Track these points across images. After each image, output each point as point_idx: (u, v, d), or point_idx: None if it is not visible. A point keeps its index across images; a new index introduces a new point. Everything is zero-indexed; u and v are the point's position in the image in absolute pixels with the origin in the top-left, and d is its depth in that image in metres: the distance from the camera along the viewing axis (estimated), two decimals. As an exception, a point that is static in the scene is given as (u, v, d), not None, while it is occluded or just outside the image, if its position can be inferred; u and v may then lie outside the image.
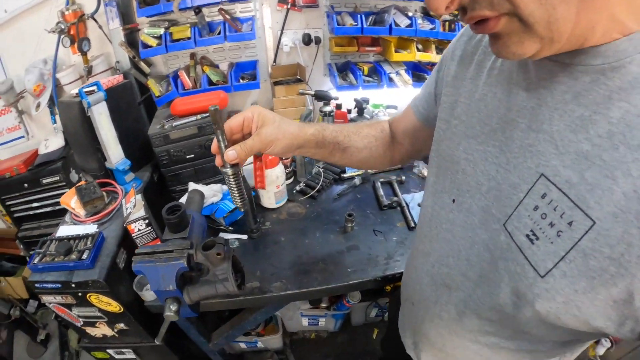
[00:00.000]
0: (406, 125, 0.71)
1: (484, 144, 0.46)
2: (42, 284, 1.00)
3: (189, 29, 1.36)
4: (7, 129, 1.81)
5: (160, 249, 0.78)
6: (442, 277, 0.55)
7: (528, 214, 0.39)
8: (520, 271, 0.40)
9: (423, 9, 1.43)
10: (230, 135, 0.60)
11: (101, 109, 1.17)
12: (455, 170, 0.50)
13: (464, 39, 0.53)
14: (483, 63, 0.48)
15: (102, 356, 1.30)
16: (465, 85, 0.50)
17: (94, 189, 1.15)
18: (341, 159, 0.72)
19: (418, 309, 0.64)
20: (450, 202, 0.52)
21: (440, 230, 0.54)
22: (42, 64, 1.56)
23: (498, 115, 0.44)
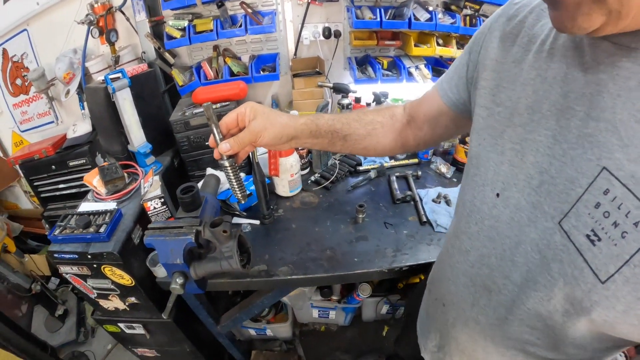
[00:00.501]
0: (429, 109, 0.67)
1: (534, 132, 0.42)
2: (60, 254, 1.08)
3: (212, 22, 1.42)
4: (38, 115, 1.95)
5: (171, 225, 0.82)
6: (482, 278, 0.51)
7: (588, 211, 0.36)
8: (578, 275, 0.37)
9: (444, 4, 1.43)
10: (227, 130, 0.65)
11: (125, 94, 1.24)
12: (500, 162, 0.46)
13: (503, 19, 0.50)
14: (528, 46, 0.45)
15: (114, 330, 1.36)
16: (508, 69, 0.47)
17: (116, 169, 1.22)
18: (343, 148, 0.71)
19: (450, 310, 0.61)
20: (493, 196, 0.48)
21: (483, 227, 0.50)
22: (72, 53, 1.66)
23: (550, 102, 0.41)
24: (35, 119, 1.96)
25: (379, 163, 1.35)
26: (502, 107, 0.47)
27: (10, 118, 1.98)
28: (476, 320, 0.54)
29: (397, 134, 0.72)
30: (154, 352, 1.50)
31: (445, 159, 1.39)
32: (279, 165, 1.16)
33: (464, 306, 0.56)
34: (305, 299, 1.45)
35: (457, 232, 0.58)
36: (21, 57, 1.80)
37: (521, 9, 0.48)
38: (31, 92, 1.88)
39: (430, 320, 0.73)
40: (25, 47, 1.76)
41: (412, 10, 1.34)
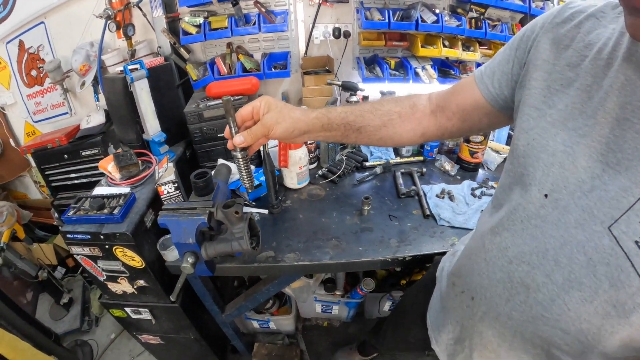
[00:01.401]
0: (463, 101, 0.67)
1: (587, 137, 0.43)
2: (73, 235, 1.15)
3: (227, 19, 1.50)
4: (52, 105, 2.03)
5: (184, 206, 0.89)
6: (520, 275, 0.52)
7: (639, 220, 0.38)
8: (625, 279, 0.40)
9: (450, 7, 1.51)
10: (242, 122, 0.69)
11: (142, 84, 1.32)
12: (550, 163, 0.47)
13: (557, 20, 0.51)
14: (584, 51, 0.46)
15: (120, 314, 1.42)
16: (561, 72, 0.48)
17: (130, 156, 1.29)
18: (358, 139, 0.73)
19: (480, 304, 0.61)
20: (541, 196, 0.49)
21: (527, 226, 0.51)
22: (88, 46, 1.75)
23: (605, 110, 0.42)
24: (48, 109, 2.04)
25: (384, 159, 1.42)
26: (554, 109, 0.48)
27: (24, 108, 2.07)
28: (509, 315, 0.55)
29: (416, 123, 0.72)
30: (158, 339, 1.55)
31: (450, 157, 1.45)
32: (288, 157, 1.22)
33: (498, 301, 0.57)
34: (309, 292, 1.50)
35: (497, 228, 0.58)
36: (37, 49, 1.89)
37: (577, 14, 0.49)
38: (46, 84, 1.96)
39: (448, 313, 0.74)
40: (42, 39, 1.85)
41: (419, 13, 1.41)
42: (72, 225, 1.15)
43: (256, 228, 0.92)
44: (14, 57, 1.92)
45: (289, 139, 0.70)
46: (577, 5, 0.51)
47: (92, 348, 2.01)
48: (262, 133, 0.67)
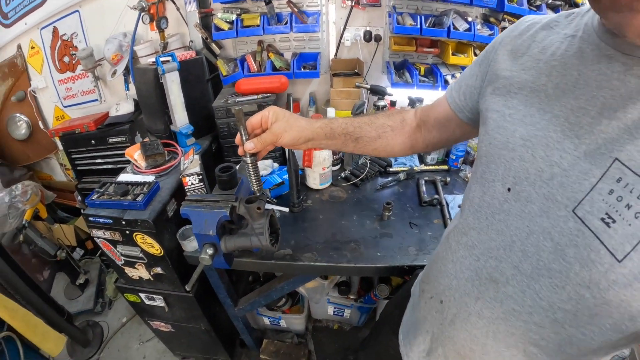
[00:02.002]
0: (438, 114, 0.75)
1: (544, 129, 0.47)
2: (95, 218, 1.19)
3: (259, 18, 1.53)
4: (82, 92, 2.10)
5: (208, 198, 0.91)
6: (488, 270, 0.53)
7: (602, 197, 0.40)
8: (595, 257, 0.40)
9: (483, 15, 1.49)
10: (251, 130, 0.75)
11: (173, 77, 1.35)
12: (511, 158, 0.50)
13: (514, 34, 0.57)
14: (539, 55, 0.51)
15: (134, 299, 1.46)
16: (520, 76, 0.53)
17: (157, 146, 1.33)
18: (355, 148, 0.80)
19: (450, 306, 0.62)
20: (504, 191, 0.51)
21: (492, 222, 0.53)
22: (121, 36, 1.80)
23: (561, 103, 0.46)
24: (79, 95, 2.12)
25: (409, 166, 1.42)
26: (513, 109, 0.52)
27: (55, 93, 2.15)
28: (479, 314, 0.55)
29: (406, 136, 0.80)
30: (169, 327, 1.58)
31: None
32: (312, 157, 1.24)
33: (467, 300, 0.57)
34: (322, 293, 1.51)
35: (463, 228, 0.61)
36: (71, 37, 1.96)
37: (532, 26, 0.56)
38: (77, 70, 2.04)
39: (419, 323, 0.74)
40: (76, 27, 1.92)
41: (451, 20, 1.41)
42: (95, 208, 1.19)
43: (276, 225, 0.93)
44: (47, 42, 2.00)
45: (295, 146, 0.77)
46: (532, 18, 0.57)
47: (103, 329, 2.07)
48: (270, 140, 0.73)
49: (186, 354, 1.86)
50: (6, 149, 2.36)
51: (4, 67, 2.11)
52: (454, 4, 1.44)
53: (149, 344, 1.98)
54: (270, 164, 1.33)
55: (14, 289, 1.50)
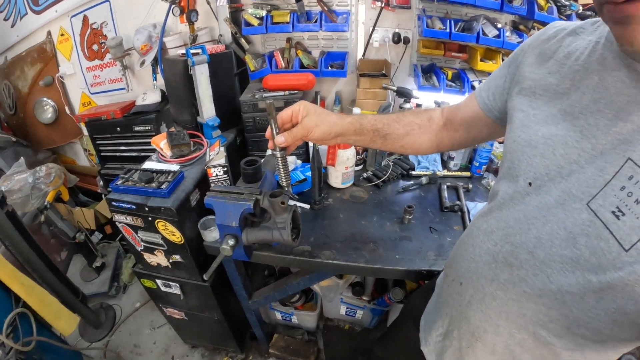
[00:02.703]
0: (466, 114, 0.77)
1: (564, 129, 0.51)
2: (119, 203, 1.23)
3: (289, 15, 1.56)
4: (110, 80, 2.16)
5: (232, 190, 0.93)
6: (504, 254, 0.57)
7: (614, 193, 0.43)
8: (604, 246, 0.44)
9: (513, 22, 1.48)
10: (282, 124, 0.76)
11: (203, 69, 1.38)
12: (533, 155, 0.54)
13: (542, 38, 0.60)
14: (564, 60, 0.55)
15: (150, 285, 1.50)
16: (545, 79, 0.57)
17: (184, 136, 1.36)
18: (383, 145, 0.82)
19: (468, 288, 0.66)
20: (526, 185, 0.55)
21: (512, 211, 0.57)
22: (151, 27, 1.85)
23: (581, 106, 0.50)
24: (106, 83, 2.18)
25: (431, 170, 1.42)
26: (537, 110, 0.56)
27: (82, 79, 2.22)
28: (493, 295, 0.59)
29: (433, 135, 0.83)
30: (182, 315, 1.61)
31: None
32: (336, 156, 1.25)
33: (483, 282, 0.61)
34: (337, 292, 1.52)
35: (485, 216, 0.65)
36: (100, 25, 2.02)
37: (560, 31, 0.59)
38: (106, 59, 2.10)
39: (441, 307, 0.77)
40: (106, 17, 1.97)
41: (481, 25, 1.41)
42: (119, 194, 1.23)
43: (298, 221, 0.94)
44: (77, 30, 2.06)
45: (325, 141, 0.79)
46: (560, 24, 0.60)
47: (116, 313, 2.12)
48: (301, 134, 0.75)
49: (197, 342, 1.90)
50: (32, 131, 2.45)
51: (33, 52, 2.19)
52: (484, 10, 1.44)
53: (160, 330, 2.03)
54: (293, 160, 1.35)
55: (32, 267, 1.54)
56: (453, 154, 1.44)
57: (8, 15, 2.17)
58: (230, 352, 1.85)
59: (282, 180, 0.84)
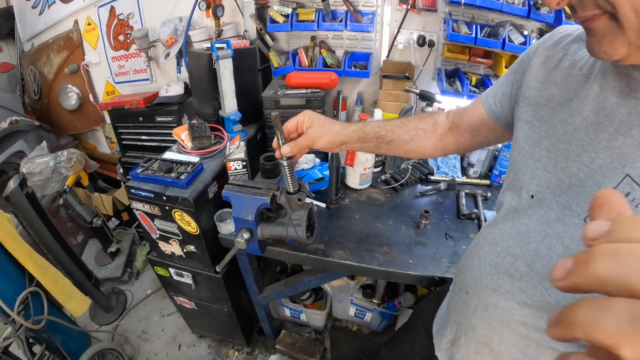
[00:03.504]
0: (472, 118, 0.78)
1: (566, 142, 0.51)
2: (137, 191, 1.26)
3: (314, 13, 1.56)
4: (135, 70, 2.21)
5: (250, 184, 0.95)
6: (505, 266, 0.59)
7: None
8: None
9: (540, 30, 1.46)
10: (288, 134, 0.78)
11: (227, 63, 1.40)
12: (536, 167, 0.55)
13: (547, 44, 0.60)
14: (569, 70, 0.54)
15: (163, 273, 1.53)
16: (549, 89, 0.56)
17: (205, 128, 1.38)
18: (388, 151, 0.84)
19: (472, 297, 0.68)
20: (528, 197, 0.56)
21: (516, 223, 0.59)
22: (177, 20, 1.88)
23: (581, 117, 0.49)
24: (130, 73, 2.23)
25: (450, 176, 1.42)
26: (542, 122, 0.56)
27: (107, 69, 2.28)
28: (496, 305, 0.61)
29: (438, 139, 0.84)
30: (192, 304, 1.64)
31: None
32: (355, 156, 1.26)
33: (486, 292, 0.63)
34: (347, 293, 1.53)
35: (491, 227, 0.67)
36: (127, 16, 2.07)
37: (564, 37, 0.58)
38: (131, 49, 2.15)
39: (450, 314, 0.78)
40: (133, 8, 2.02)
41: (507, 32, 1.39)
42: (138, 182, 1.26)
43: (314, 219, 0.95)
44: (104, 20, 2.12)
45: (330, 149, 0.81)
46: (566, 29, 0.59)
47: (127, 298, 2.17)
48: (306, 144, 0.77)
49: (204, 333, 1.93)
50: (55, 117, 2.53)
51: (59, 40, 2.26)
52: (511, 16, 1.42)
53: (169, 318, 2.07)
54: (312, 158, 1.36)
55: (48, 249, 1.59)
56: (473, 161, 1.43)
57: (36, 3, 2.25)
58: (237, 344, 1.88)
59: (289, 187, 0.86)
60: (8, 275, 1.33)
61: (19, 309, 1.29)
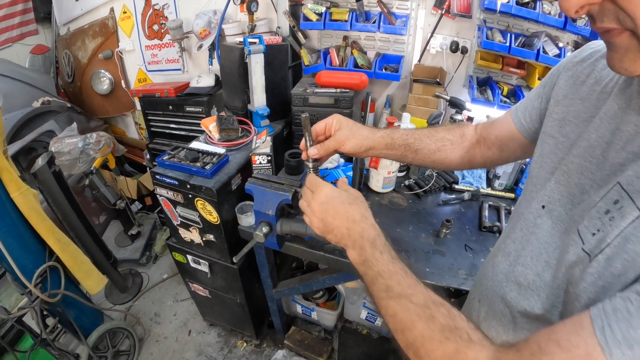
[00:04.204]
0: (501, 132, 0.77)
1: (580, 157, 0.51)
2: (162, 177, 1.29)
3: (348, 13, 1.57)
4: (167, 60, 2.26)
5: (273, 179, 0.96)
6: (515, 275, 0.59)
7: (599, 216, 0.44)
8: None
9: (575, 43, 1.41)
10: (315, 136, 0.78)
11: (258, 58, 1.42)
12: (549, 180, 0.56)
13: (577, 60, 0.60)
14: (594, 87, 0.54)
15: (180, 259, 1.56)
16: (575, 105, 0.56)
17: (233, 121, 1.41)
18: (414, 160, 0.83)
19: (483, 305, 0.69)
20: (539, 207, 0.57)
21: (526, 233, 0.59)
22: (211, 13, 1.92)
23: (598, 134, 0.49)
24: (163, 63, 2.29)
25: (475, 187, 1.39)
26: (565, 137, 0.56)
27: (140, 57, 2.34)
28: (502, 312, 0.62)
29: (464, 151, 0.83)
30: (206, 292, 1.68)
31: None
32: (380, 159, 1.24)
33: (495, 299, 0.64)
34: (361, 296, 1.53)
35: (506, 237, 0.67)
36: (162, 7, 2.12)
37: (594, 53, 0.58)
38: (165, 39, 2.20)
39: None
40: (168, -1, 2.05)
41: (542, 43, 1.36)
42: (164, 168, 1.29)
43: (333, 219, 0.94)
44: (139, 9, 2.18)
45: (356, 154, 0.80)
46: (596, 45, 0.59)
47: (143, 280, 2.23)
48: (334, 147, 0.76)
49: (215, 321, 1.97)
50: (87, 100, 2.62)
51: (95, 26, 2.34)
52: (547, 27, 1.39)
53: (182, 303, 2.12)
54: (337, 158, 1.37)
55: (70, 226, 1.65)
56: (500, 173, 1.40)
57: (73, -10, 2.34)
58: (246, 336, 1.91)
59: None
60: (29, 248, 1.38)
61: (36, 281, 1.34)
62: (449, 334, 0.47)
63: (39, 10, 2.62)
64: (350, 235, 0.62)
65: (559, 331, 0.39)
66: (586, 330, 0.36)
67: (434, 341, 0.48)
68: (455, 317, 0.50)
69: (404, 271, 0.57)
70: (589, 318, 0.36)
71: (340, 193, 0.66)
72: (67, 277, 1.50)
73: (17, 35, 2.59)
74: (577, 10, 0.39)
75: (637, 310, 0.33)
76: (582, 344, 0.36)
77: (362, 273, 0.60)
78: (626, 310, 0.34)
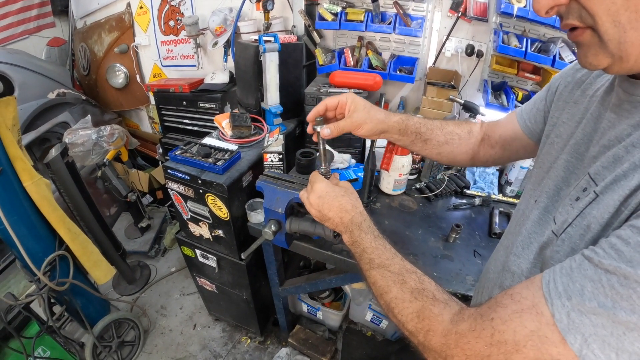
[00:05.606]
0: (505, 132, 0.78)
1: (568, 154, 0.55)
2: (174, 172, 1.30)
3: (363, 14, 1.56)
4: (182, 56, 2.29)
5: (284, 177, 0.96)
6: (509, 264, 0.61)
7: (570, 202, 0.47)
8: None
9: None
10: (324, 111, 0.78)
11: (273, 57, 1.43)
12: (542, 177, 0.60)
13: (577, 67, 0.63)
14: (586, 91, 0.58)
15: (189, 253, 1.58)
16: (569, 108, 0.60)
17: (246, 118, 1.42)
18: (422, 149, 0.84)
19: (484, 295, 0.71)
20: (533, 202, 0.60)
21: (519, 225, 0.63)
22: (227, 10, 1.93)
23: (583, 133, 0.53)
24: (178, 58, 2.31)
25: (486, 192, 1.37)
26: (559, 138, 0.59)
27: (156, 52, 2.36)
28: None
29: (470, 147, 0.84)
30: (213, 287, 1.70)
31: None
32: (392, 161, 1.25)
33: (492, 289, 0.66)
34: (367, 297, 1.53)
35: (507, 233, 0.70)
36: (179, 3, 2.14)
37: None
38: (180, 35, 2.22)
39: None
40: (185, -5, 2.07)
41: (558, 48, 1.34)
42: (176, 163, 1.31)
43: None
44: (156, 5, 2.20)
45: (370, 137, 0.81)
46: None
47: (151, 273, 2.26)
48: (349, 129, 0.77)
49: (220, 316, 1.99)
50: (102, 93, 2.66)
51: (111, 20, 2.37)
52: (563, 32, 1.36)
53: (189, 297, 2.14)
54: (348, 158, 1.36)
55: (81, 216, 1.68)
56: (511, 179, 1.39)
57: (92, -16, 2.37)
58: (251, 332, 1.92)
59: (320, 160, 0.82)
60: (39, 237, 1.40)
61: (45, 269, 1.36)
62: (417, 294, 0.55)
63: (56, 3, 2.67)
64: (343, 223, 0.70)
65: (515, 288, 0.45)
66: (535, 285, 0.42)
67: (405, 301, 0.55)
68: (424, 281, 0.57)
69: (384, 246, 0.65)
70: (541, 276, 0.42)
71: (334, 188, 0.73)
72: (76, 266, 1.52)
73: (34, 27, 2.65)
74: (547, 10, 0.42)
75: (578, 267, 0.39)
76: (530, 296, 0.41)
77: (354, 252, 0.68)
78: (569, 267, 0.40)
